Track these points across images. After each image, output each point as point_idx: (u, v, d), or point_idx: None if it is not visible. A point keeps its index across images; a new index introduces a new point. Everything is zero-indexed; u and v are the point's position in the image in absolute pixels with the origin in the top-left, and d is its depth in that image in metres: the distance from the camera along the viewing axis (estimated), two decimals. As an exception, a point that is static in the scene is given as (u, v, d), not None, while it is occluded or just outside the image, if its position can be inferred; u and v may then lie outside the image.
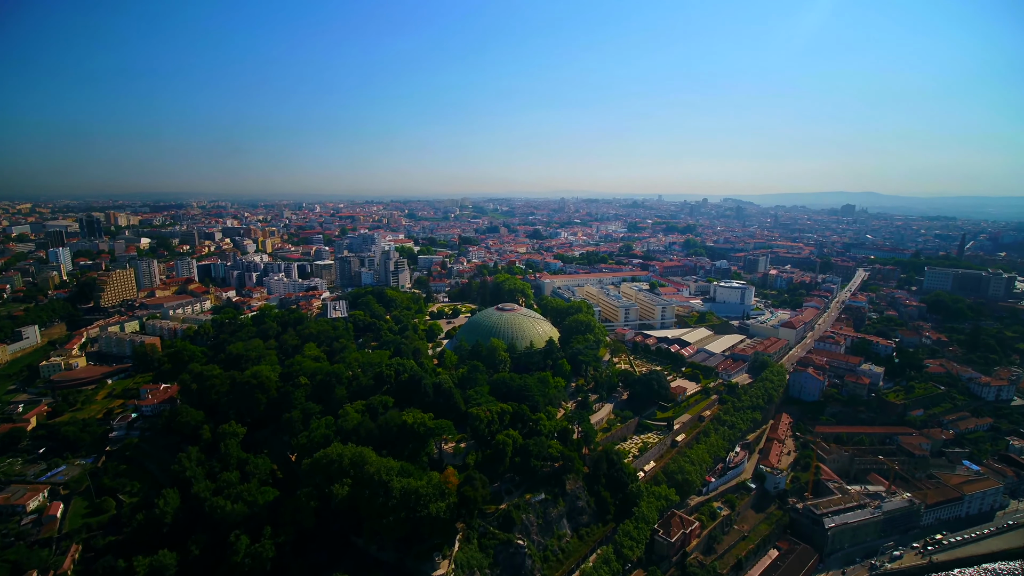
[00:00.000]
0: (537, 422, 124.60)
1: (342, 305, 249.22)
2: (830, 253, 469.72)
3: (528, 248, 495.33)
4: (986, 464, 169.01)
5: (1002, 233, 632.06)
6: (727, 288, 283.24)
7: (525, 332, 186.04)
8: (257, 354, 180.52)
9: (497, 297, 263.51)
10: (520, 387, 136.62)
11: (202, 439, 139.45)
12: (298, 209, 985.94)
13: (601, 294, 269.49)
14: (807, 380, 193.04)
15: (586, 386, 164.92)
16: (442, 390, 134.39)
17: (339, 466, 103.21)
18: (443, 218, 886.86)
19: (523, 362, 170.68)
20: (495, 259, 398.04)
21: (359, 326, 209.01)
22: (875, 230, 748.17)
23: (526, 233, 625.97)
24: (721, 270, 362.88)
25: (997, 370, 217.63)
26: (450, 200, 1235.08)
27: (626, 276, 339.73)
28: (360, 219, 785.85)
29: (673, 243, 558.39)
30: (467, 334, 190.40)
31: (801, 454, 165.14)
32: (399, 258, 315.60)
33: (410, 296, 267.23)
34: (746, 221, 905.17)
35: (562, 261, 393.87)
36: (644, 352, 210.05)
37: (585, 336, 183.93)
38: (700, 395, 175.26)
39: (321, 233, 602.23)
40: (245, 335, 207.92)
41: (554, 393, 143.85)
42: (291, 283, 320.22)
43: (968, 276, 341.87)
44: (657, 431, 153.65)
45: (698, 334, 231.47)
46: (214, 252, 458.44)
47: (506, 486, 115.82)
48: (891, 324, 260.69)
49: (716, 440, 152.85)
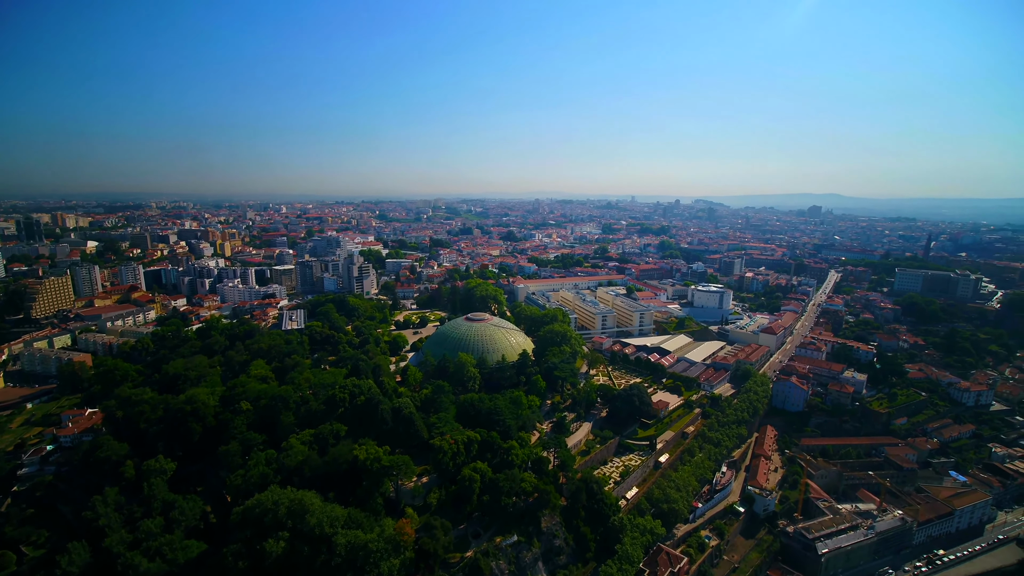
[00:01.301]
0: (508, 451, 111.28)
1: (300, 315, 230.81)
2: (802, 255, 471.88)
3: (502, 251, 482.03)
4: (972, 474, 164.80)
5: (961, 234, 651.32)
6: (705, 292, 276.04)
7: (497, 344, 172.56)
8: (198, 374, 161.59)
9: (468, 304, 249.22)
10: (490, 410, 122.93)
11: (124, 477, 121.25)
12: (263, 210, 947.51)
13: (577, 300, 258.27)
14: (791, 390, 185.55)
15: (563, 403, 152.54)
16: (402, 416, 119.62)
17: (275, 516, 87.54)
18: (415, 219, 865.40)
19: (494, 378, 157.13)
20: (467, 263, 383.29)
21: (315, 339, 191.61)
22: (842, 231, 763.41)
23: (500, 235, 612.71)
24: (698, 273, 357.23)
25: (974, 374, 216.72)
26: (423, 201, 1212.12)
27: (602, 280, 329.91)
28: (328, 220, 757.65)
29: (648, 245, 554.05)
30: (434, 347, 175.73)
31: (789, 470, 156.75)
32: (364, 263, 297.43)
33: (374, 304, 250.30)
34: (718, 222, 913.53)
35: (536, 264, 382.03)
36: (623, 362, 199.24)
37: (561, 348, 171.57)
38: (683, 409, 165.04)
39: (286, 235, 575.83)
40: (188, 351, 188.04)
41: (528, 415, 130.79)
42: (247, 290, 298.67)
43: (937, 277, 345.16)
44: (639, 451, 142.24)
45: (678, 341, 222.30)
46: (166, 256, 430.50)
47: (473, 528, 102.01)
48: (868, 328, 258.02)
49: (702, 460, 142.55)
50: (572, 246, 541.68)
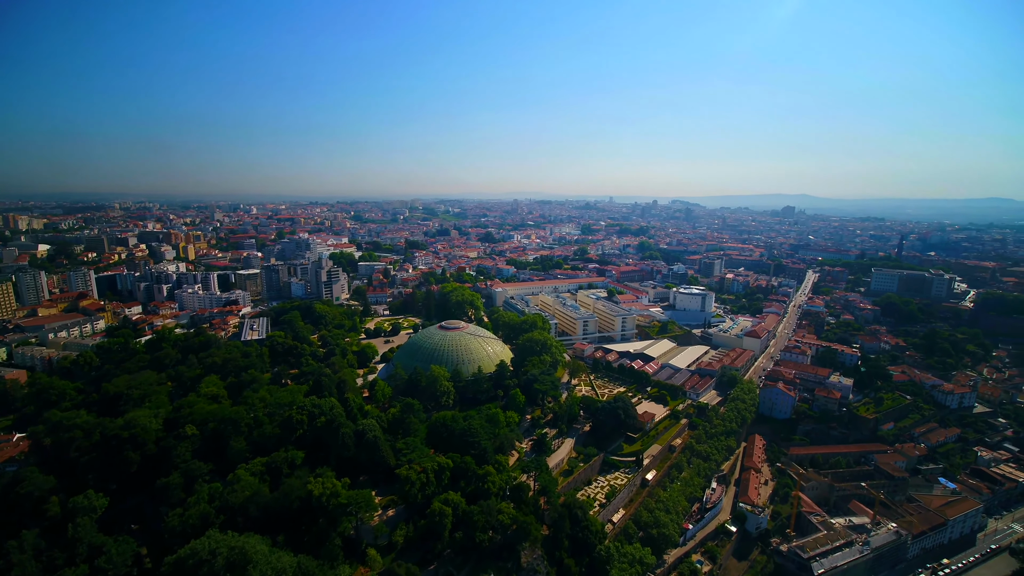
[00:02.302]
0: (484, 478, 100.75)
1: (262, 323, 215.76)
2: (780, 255, 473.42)
3: (479, 252, 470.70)
4: (961, 480, 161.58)
5: (930, 234, 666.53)
6: (687, 295, 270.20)
7: (473, 355, 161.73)
8: (142, 392, 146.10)
9: (443, 309, 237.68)
10: (464, 431, 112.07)
11: (48, 516, 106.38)
12: (233, 211, 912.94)
13: (557, 304, 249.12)
14: (778, 396, 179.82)
15: (543, 418, 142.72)
16: (366, 441, 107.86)
17: (211, 569, 75.18)
18: (391, 220, 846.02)
19: (470, 392, 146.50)
20: (443, 265, 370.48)
21: (277, 351, 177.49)
22: (816, 231, 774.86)
23: (478, 236, 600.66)
24: (679, 274, 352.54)
25: (955, 375, 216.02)
26: (399, 201, 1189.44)
27: (582, 283, 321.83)
28: (301, 222, 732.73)
29: (627, 245, 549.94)
30: (405, 359, 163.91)
31: (779, 483, 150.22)
32: (333, 267, 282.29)
33: (344, 311, 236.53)
34: (695, 223, 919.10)
35: (515, 267, 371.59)
36: (606, 370, 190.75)
37: (541, 357, 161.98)
38: (669, 420, 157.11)
39: (255, 237, 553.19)
40: (135, 365, 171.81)
41: (505, 433, 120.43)
42: (207, 297, 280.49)
43: (912, 277, 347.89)
44: (625, 468, 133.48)
45: (661, 347, 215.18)
46: (124, 260, 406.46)
47: (445, 568, 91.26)
48: (850, 329, 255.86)
49: (690, 476, 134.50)
50: (551, 247, 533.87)
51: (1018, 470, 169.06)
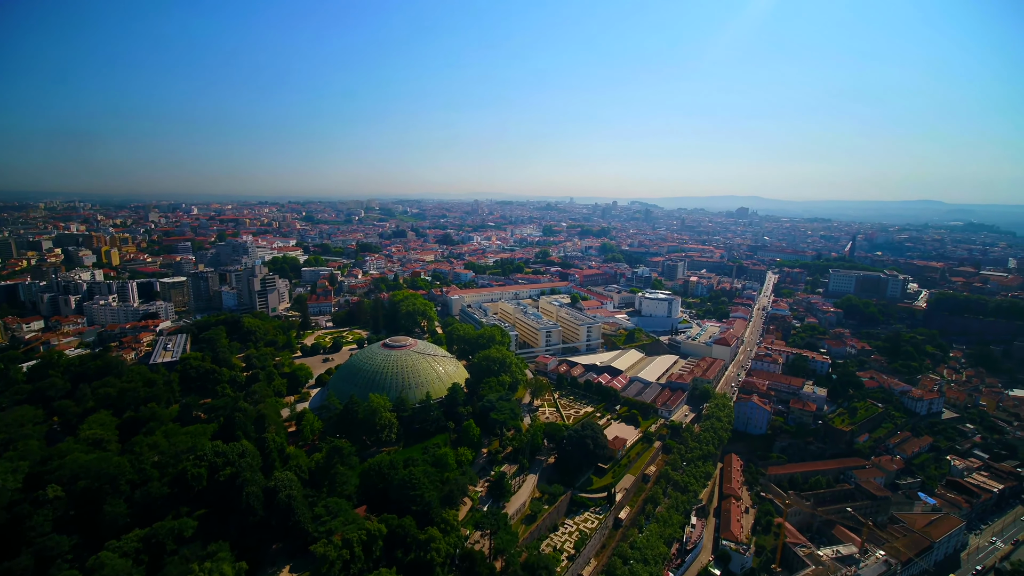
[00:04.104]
0: (427, 544, 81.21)
1: (179, 341, 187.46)
2: (740, 256, 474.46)
3: (437, 255, 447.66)
4: (939, 495, 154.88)
5: (876, 235, 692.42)
6: (653, 300, 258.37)
7: (421, 377, 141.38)
8: (7, 436, 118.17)
9: (393, 321, 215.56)
10: (404, 482, 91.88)
11: None
12: (172, 211, 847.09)
13: (518, 313, 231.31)
14: (753, 411, 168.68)
15: (502, 451, 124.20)
16: (278, 503, 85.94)
17: None
18: (346, 221, 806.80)
19: (417, 422, 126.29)
20: (396, 270, 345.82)
21: (189, 376, 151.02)
22: (770, 232, 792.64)
23: (436, 238, 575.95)
24: (643, 278, 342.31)
25: (921, 379, 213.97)
26: (355, 201, 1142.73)
27: (544, 288, 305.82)
28: (246, 223, 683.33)
29: (589, 247, 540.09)
30: (341, 384, 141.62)
31: (760, 509, 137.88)
32: (269, 274, 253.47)
33: (279, 324, 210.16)
34: (655, 223, 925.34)
35: (474, 271, 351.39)
36: (571, 386, 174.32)
37: (499, 378, 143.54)
38: (641, 444, 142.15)
39: (191, 240, 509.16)
40: (8, 399, 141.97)
41: (456, 478, 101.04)
42: (122, 309, 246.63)
43: (868, 278, 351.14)
44: (595, 508, 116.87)
45: (629, 358, 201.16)
46: (32, 267, 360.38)
47: (374, 673, 71.02)
48: (815, 333, 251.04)
49: (667, 513, 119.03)
50: (512, 249, 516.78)
51: (991, 479, 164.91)
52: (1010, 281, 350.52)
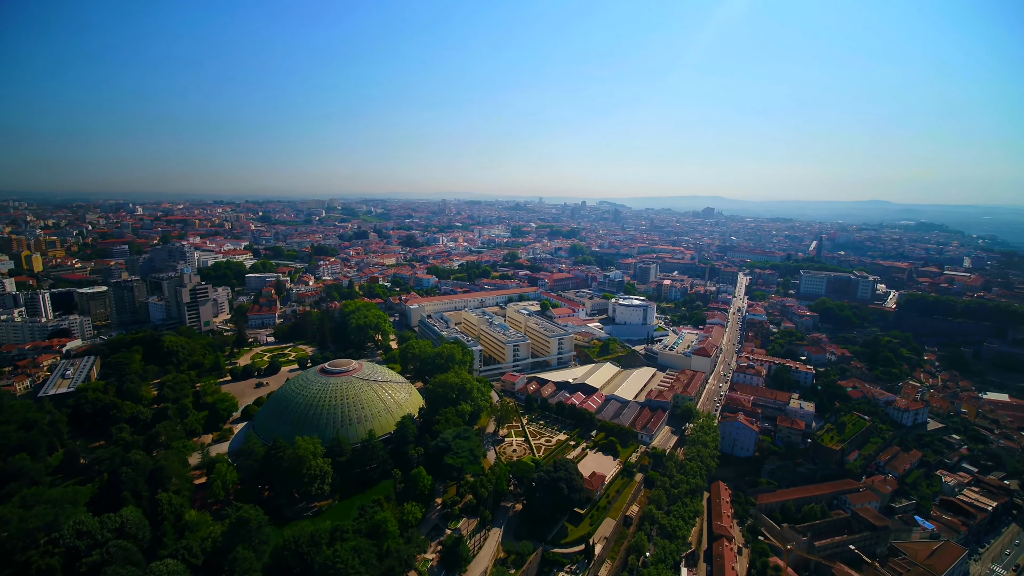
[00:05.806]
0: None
1: (85, 365, 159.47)
2: (710, 257, 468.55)
3: (399, 259, 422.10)
4: (935, 517, 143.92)
5: (837, 235, 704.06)
6: (627, 307, 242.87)
7: (364, 410, 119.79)
8: None
9: (342, 335, 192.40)
10: (327, 567, 70.61)
11: None
12: (114, 211, 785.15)
13: (483, 324, 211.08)
14: (739, 432, 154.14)
15: (459, 500, 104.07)
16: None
17: None
18: (304, 222, 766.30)
19: (357, 467, 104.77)
20: (353, 275, 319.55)
21: (84, 413, 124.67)
22: (736, 232, 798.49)
23: (400, 239, 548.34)
24: (615, 282, 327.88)
25: (902, 386, 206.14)
26: (316, 201, 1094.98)
27: (512, 294, 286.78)
28: (196, 224, 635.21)
29: (559, 249, 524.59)
30: (267, 421, 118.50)
31: (755, 549, 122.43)
32: (201, 283, 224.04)
33: (207, 342, 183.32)
34: (623, 223, 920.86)
35: (437, 276, 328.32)
36: (541, 409, 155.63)
37: (458, 407, 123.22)
38: (621, 480, 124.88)
39: (129, 243, 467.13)
40: None
41: (397, 548, 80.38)
42: (26, 326, 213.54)
43: (839, 279, 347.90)
44: (571, 565, 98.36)
45: (604, 373, 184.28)
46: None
47: None
48: (794, 339, 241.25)
49: (655, 568, 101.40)
50: (480, 251, 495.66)
51: (983, 495, 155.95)
52: (974, 281, 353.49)
